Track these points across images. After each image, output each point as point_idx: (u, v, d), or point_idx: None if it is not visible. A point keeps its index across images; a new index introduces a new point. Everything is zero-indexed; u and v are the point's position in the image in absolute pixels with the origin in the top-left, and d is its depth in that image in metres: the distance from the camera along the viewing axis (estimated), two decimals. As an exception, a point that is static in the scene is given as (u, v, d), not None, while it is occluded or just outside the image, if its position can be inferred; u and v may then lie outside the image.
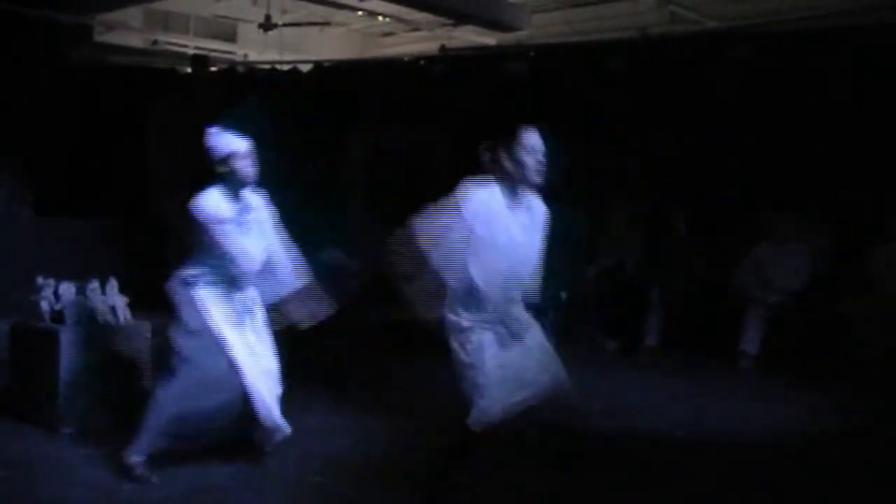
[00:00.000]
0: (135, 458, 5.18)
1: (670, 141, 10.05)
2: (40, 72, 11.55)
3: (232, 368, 5.21)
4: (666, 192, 9.99)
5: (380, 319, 9.16)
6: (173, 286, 5.32)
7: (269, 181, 5.62)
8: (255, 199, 5.44)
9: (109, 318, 6.32)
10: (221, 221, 5.19)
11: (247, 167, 5.32)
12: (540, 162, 4.82)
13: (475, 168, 4.99)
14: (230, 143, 5.34)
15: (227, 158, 5.29)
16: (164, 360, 5.39)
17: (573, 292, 9.67)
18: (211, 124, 5.45)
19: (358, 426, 6.37)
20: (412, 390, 7.46)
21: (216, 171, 5.32)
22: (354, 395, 7.23)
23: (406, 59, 13.30)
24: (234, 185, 5.30)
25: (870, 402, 7.33)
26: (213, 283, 5.28)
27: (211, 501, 4.95)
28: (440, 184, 5.09)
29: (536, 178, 4.83)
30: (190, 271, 5.30)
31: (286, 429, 5.43)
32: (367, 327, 9.16)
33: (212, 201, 5.21)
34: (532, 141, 4.85)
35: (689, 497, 5.18)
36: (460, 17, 13.75)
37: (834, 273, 8.91)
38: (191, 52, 15.15)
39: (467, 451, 4.94)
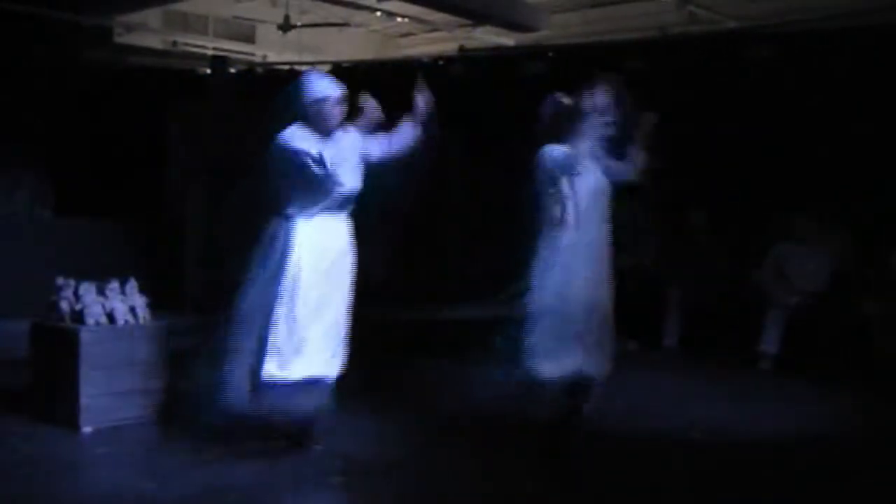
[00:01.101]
0: None
1: (690, 140, 10.01)
2: (61, 73, 11.62)
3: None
4: (685, 192, 9.95)
5: (390, 319, 9.18)
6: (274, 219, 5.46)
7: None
8: (344, 138, 5.39)
9: (129, 318, 6.33)
10: (305, 153, 5.23)
11: (335, 114, 5.35)
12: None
13: (492, 166, 5.21)
14: (325, 87, 5.38)
15: (317, 102, 5.33)
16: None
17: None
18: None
19: (375, 427, 6.36)
20: (426, 390, 7.47)
21: (302, 113, 5.36)
22: (369, 396, 7.22)
23: (425, 59, 13.30)
24: (318, 129, 5.34)
25: (890, 405, 7.29)
26: (310, 217, 5.37)
27: (229, 501, 4.95)
28: (455, 184, 5.17)
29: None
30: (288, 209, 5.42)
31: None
32: (376, 327, 9.17)
33: (296, 135, 5.30)
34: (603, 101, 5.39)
35: (708, 498, 5.16)
36: (480, 18, 13.75)
37: (855, 274, 8.85)
38: (210, 53, 15.20)
39: None
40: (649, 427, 6.48)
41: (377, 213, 5.57)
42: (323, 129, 5.33)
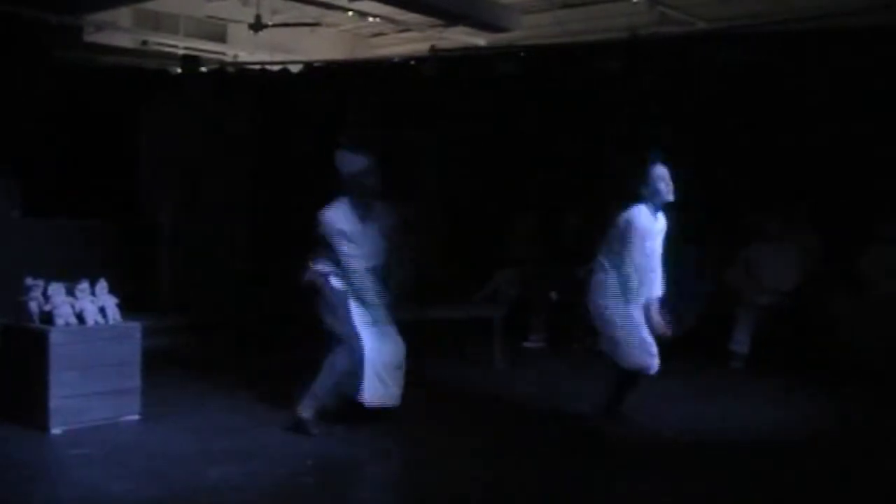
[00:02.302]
0: (305, 414, 6.02)
1: (660, 141, 10.06)
2: (30, 72, 11.52)
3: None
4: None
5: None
6: (316, 275, 6.16)
7: (261, 182, 5.69)
8: (379, 209, 6.26)
9: (99, 318, 6.30)
10: (341, 233, 6.02)
11: (370, 182, 6.13)
12: (670, 186, 6.38)
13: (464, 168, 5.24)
14: (355, 161, 6.16)
15: (354, 175, 6.11)
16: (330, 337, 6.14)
17: (563, 292, 9.67)
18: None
19: (348, 427, 6.35)
20: (407, 389, 7.47)
21: (345, 186, 6.13)
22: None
23: (396, 59, 13.30)
24: (359, 197, 6.13)
25: (859, 402, 7.36)
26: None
27: (202, 502, 4.94)
28: (429, 184, 5.25)
29: (671, 198, 6.42)
30: (323, 266, 6.13)
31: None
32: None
33: (336, 214, 6.08)
34: (663, 171, 6.42)
35: (680, 496, 5.18)
36: (452, 19, 13.75)
37: (824, 273, 8.93)
38: (181, 52, 15.12)
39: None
40: (618, 426, 6.51)
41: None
42: (363, 197, 6.16)
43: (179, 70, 13.19)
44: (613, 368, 6.42)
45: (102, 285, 6.40)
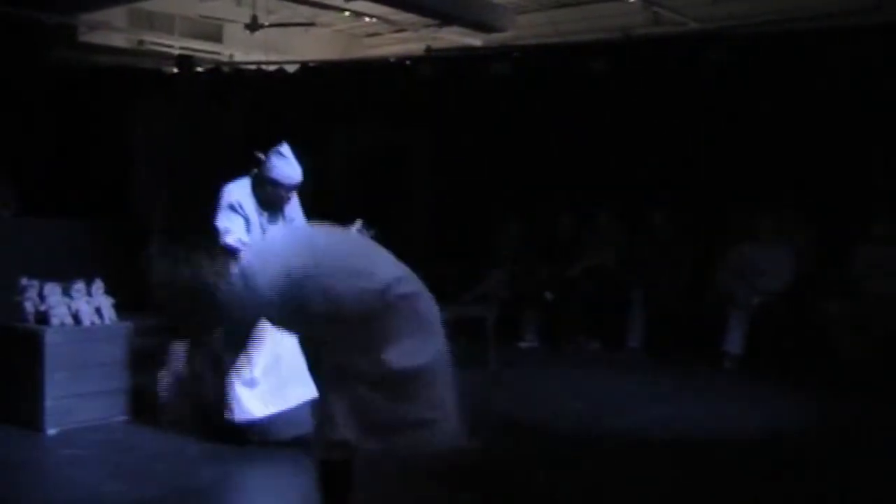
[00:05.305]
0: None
1: (653, 141, 10.10)
2: (23, 72, 11.51)
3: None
4: (649, 192, 10.02)
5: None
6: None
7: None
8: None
9: (95, 318, 6.31)
10: (232, 207, 5.47)
11: (282, 200, 5.55)
12: None
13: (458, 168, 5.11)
14: (284, 173, 5.53)
15: (273, 182, 5.52)
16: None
17: (557, 292, 9.70)
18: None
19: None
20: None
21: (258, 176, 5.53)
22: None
23: (392, 59, 13.32)
24: (262, 200, 5.55)
25: (851, 402, 7.38)
26: None
27: (195, 502, 4.95)
28: (423, 184, 5.19)
29: None
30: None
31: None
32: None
33: (236, 189, 5.53)
34: None
35: (670, 497, 5.21)
36: (446, 19, 13.75)
37: (817, 273, 8.96)
38: (176, 52, 15.11)
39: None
40: (611, 426, 6.53)
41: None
42: (265, 206, 5.52)
43: (175, 70, 13.19)
44: None
45: (98, 285, 6.40)
